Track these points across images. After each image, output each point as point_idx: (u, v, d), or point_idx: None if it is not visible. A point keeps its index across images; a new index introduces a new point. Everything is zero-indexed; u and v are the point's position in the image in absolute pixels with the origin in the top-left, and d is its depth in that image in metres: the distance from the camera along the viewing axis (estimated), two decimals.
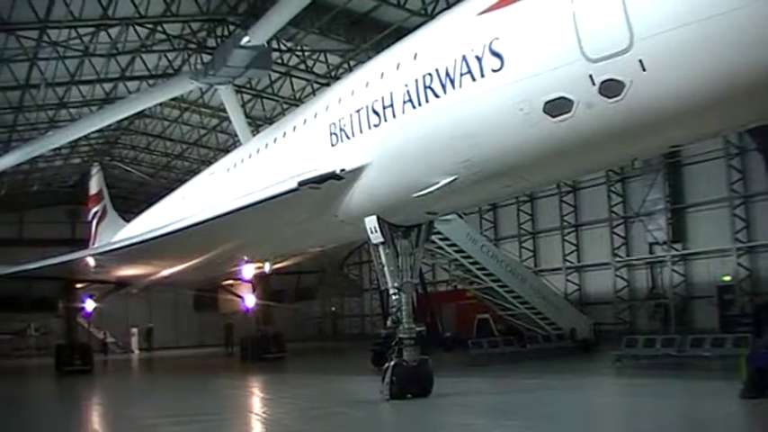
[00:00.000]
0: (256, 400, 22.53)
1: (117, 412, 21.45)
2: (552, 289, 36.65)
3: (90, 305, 39.80)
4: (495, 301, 33.56)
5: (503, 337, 32.08)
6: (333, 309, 64.67)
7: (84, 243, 51.22)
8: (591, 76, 11.97)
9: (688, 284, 35.60)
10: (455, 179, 15.84)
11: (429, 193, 16.54)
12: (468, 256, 31.68)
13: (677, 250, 35.75)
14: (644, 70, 11.21)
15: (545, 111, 13.03)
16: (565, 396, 19.39)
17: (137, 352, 56.49)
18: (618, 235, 38.92)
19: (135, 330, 57.56)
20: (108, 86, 38.57)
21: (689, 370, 22.76)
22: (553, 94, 12.78)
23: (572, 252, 41.62)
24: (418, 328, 18.70)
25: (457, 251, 31.46)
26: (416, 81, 15.76)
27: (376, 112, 17.21)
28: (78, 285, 36.98)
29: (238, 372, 34.18)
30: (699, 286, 35.07)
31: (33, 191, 59.03)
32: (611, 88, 11.84)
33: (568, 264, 41.68)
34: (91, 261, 33.02)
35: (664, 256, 36.22)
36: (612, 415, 16.69)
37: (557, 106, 12.82)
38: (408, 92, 16.01)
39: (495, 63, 13.66)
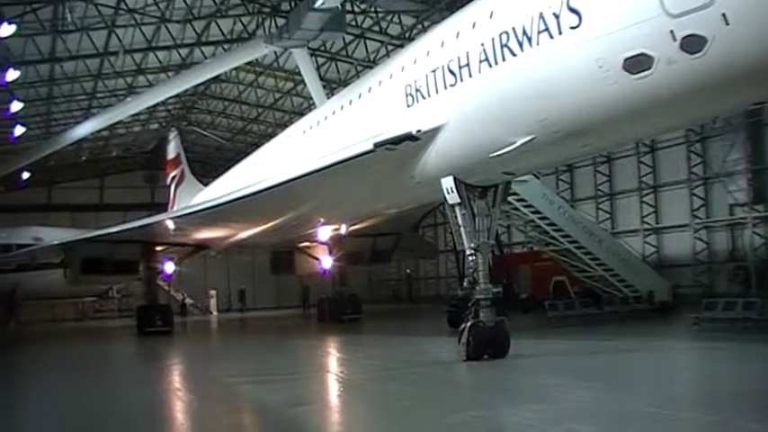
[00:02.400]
0: (333, 360, 22.76)
1: (197, 371, 21.91)
2: (630, 251, 36.23)
3: (170, 268, 40.53)
4: (572, 263, 33.28)
5: (579, 299, 31.87)
6: (408, 271, 64.80)
7: (162, 207, 52.16)
8: (672, 31, 11.75)
9: None
10: (532, 139, 15.72)
11: (506, 153, 16.44)
12: (545, 218, 31.42)
13: (759, 211, 34.88)
14: (727, 24, 10.96)
15: (624, 68, 12.86)
16: (643, 359, 19.18)
17: (215, 313, 57.37)
18: (697, 196, 38.16)
19: (213, 292, 58.44)
20: (184, 52, 38.95)
21: None
22: (633, 51, 12.60)
23: (650, 213, 40.97)
24: (495, 290, 18.63)
25: (533, 212, 31.22)
26: (493, 40, 15.65)
27: (452, 72, 17.15)
28: (158, 248, 37.65)
29: (315, 333, 34.58)
30: None
31: (113, 157, 60.12)
32: (692, 44, 11.60)
33: (646, 225, 41.06)
34: (170, 224, 33.55)
35: (745, 218, 35.38)
36: (691, 378, 16.47)
37: (636, 63, 12.63)
38: (485, 51, 15.91)
39: (573, 20, 13.49)
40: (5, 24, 26.97)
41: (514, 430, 10.72)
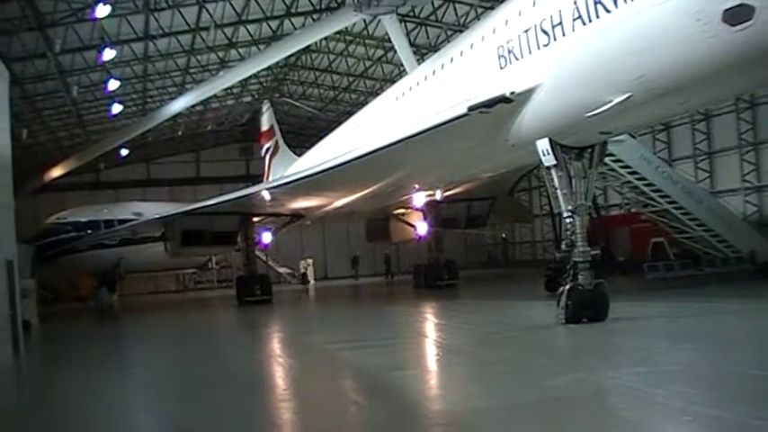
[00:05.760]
0: (430, 326, 22.85)
1: (297, 338, 22.38)
2: (730, 210, 35.36)
3: (267, 238, 41.17)
4: (671, 224, 32.67)
5: (679, 261, 31.33)
6: (503, 235, 64.47)
7: (258, 179, 52.91)
8: None
9: None
10: (629, 97, 15.44)
11: (602, 112, 16.21)
12: (643, 178, 30.82)
13: None
14: None
15: (724, 20, 12.54)
16: (746, 321, 18.76)
17: (312, 282, 57.93)
18: None
19: (310, 261, 58.97)
20: (274, 24, 39.13)
21: None
22: (732, 2, 12.29)
23: (751, 171, 39.81)
24: (593, 252, 18.45)
25: (630, 173, 30.65)
26: None
27: (545, 32, 16.92)
28: (255, 219, 38.29)
29: (411, 299, 34.64)
30: None
31: (208, 131, 60.95)
32: None
33: (747, 184, 39.95)
34: (266, 195, 33.97)
35: None
36: None
37: (736, 14, 12.29)
38: (578, 8, 15.64)
39: None
40: (101, 5, 27.61)
41: (617, 393, 10.59)
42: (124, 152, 51.89)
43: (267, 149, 53.98)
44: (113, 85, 37.10)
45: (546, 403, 10.14)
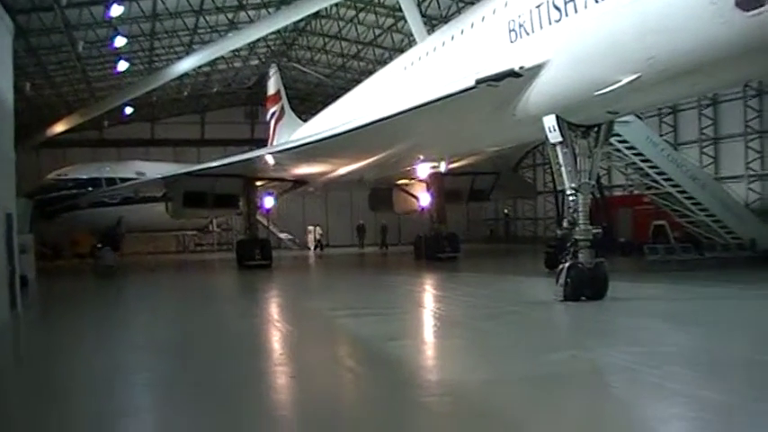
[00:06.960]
0: (429, 297, 22.88)
1: (296, 304, 22.49)
2: (733, 197, 35.30)
3: (269, 202, 41.19)
4: (673, 207, 32.62)
5: (680, 245, 31.33)
6: (506, 211, 64.47)
7: (262, 143, 52.77)
8: None
9: None
10: (638, 77, 15.38)
11: (611, 91, 16.14)
12: (648, 160, 30.77)
13: None
14: None
15: (737, 4, 12.44)
16: (744, 306, 18.58)
17: (312, 249, 57.99)
18: None
19: (311, 228, 58.96)
20: None
21: None
22: None
23: (755, 159, 39.68)
24: (594, 231, 18.44)
25: (636, 154, 30.60)
26: None
27: (557, 8, 16.84)
28: (258, 183, 38.28)
29: (411, 270, 34.63)
30: None
31: (214, 92, 60.73)
32: None
33: (751, 171, 39.80)
34: (270, 159, 33.91)
35: None
36: None
37: (750, 0, 12.19)
38: None
39: None
40: None
41: (612, 371, 10.63)
42: (129, 110, 51.82)
43: (273, 114, 53.88)
44: (120, 41, 36.87)
45: (539, 378, 10.16)
